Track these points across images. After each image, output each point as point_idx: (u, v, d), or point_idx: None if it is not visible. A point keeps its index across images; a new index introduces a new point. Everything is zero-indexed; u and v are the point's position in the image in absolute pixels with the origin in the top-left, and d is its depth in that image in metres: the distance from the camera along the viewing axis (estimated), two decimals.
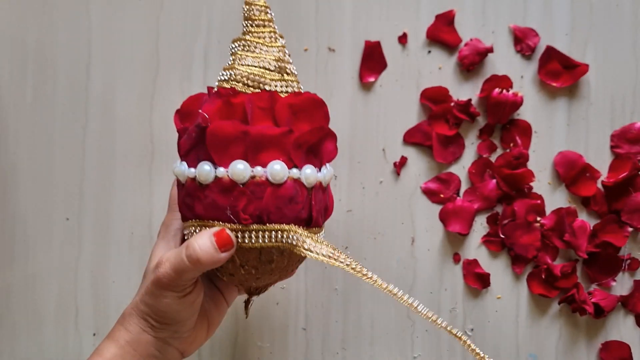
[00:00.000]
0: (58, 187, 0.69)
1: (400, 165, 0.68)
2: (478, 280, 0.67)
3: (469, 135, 0.68)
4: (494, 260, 0.67)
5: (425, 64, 0.68)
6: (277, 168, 0.47)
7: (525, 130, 0.67)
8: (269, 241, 0.47)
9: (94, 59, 0.69)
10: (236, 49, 0.52)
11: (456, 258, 0.67)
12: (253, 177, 0.47)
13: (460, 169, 0.68)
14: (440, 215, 0.67)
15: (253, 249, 0.48)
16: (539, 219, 0.66)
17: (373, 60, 0.68)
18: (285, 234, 0.47)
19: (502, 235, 0.66)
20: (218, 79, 0.51)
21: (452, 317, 0.67)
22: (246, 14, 0.52)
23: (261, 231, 0.47)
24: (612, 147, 0.67)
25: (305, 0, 0.68)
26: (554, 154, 0.67)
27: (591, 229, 0.66)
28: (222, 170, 0.47)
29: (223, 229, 0.47)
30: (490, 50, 0.67)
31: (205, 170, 0.47)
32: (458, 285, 0.67)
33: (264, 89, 0.49)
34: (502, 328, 0.67)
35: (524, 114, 0.67)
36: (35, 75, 0.69)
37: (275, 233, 0.47)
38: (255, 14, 0.51)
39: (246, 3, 0.52)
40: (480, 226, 0.67)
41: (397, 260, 0.68)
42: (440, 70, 0.68)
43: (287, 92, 0.50)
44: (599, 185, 0.67)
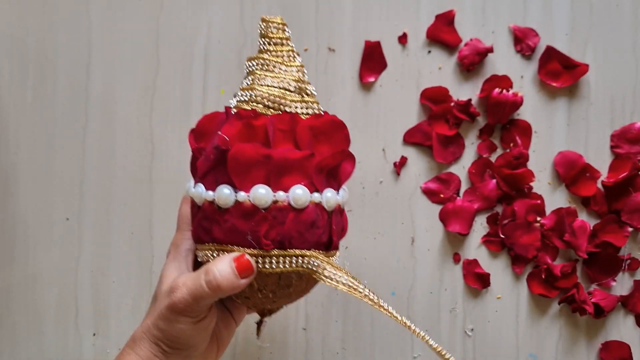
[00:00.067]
0: (58, 187, 0.69)
1: (400, 165, 0.68)
2: (478, 280, 0.67)
3: (469, 135, 0.68)
4: (494, 260, 0.67)
5: (425, 64, 0.68)
6: (300, 193, 0.46)
7: (525, 130, 0.67)
8: (290, 266, 0.46)
9: (94, 59, 0.69)
10: (254, 67, 0.50)
11: (456, 258, 0.67)
12: (275, 202, 0.46)
13: (460, 169, 0.68)
14: (440, 215, 0.67)
15: (273, 274, 0.47)
16: (539, 219, 0.66)
17: (373, 60, 0.68)
18: (307, 259, 0.46)
19: (502, 235, 0.66)
20: (237, 100, 0.50)
21: (452, 317, 0.67)
22: (263, 31, 0.50)
23: (282, 256, 0.46)
24: (612, 147, 0.67)
25: (305, 0, 0.68)
26: (554, 154, 0.67)
27: (591, 229, 0.66)
28: (243, 195, 0.46)
29: (243, 254, 0.46)
30: (490, 50, 0.67)
31: (225, 194, 0.46)
32: (458, 285, 0.67)
33: (284, 111, 0.48)
34: (502, 328, 0.67)
35: (524, 114, 0.67)
36: (35, 76, 0.69)
37: (297, 258, 0.46)
38: (273, 32, 0.50)
39: (263, 20, 0.50)
40: (480, 226, 0.67)
41: (397, 260, 0.68)
42: (440, 70, 0.68)
43: (308, 114, 0.49)
44: (599, 185, 0.67)
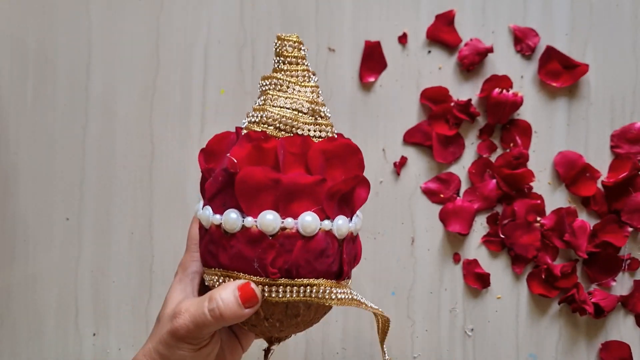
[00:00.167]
0: (58, 187, 0.69)
1: (400, 165, 0.68)
2: (478, 280, 0.67)
3: (469, 135, 0.68)
4: (494, 260, 0.67)
5: (425, 64, 0.68)
6: (309, 220, 0.44)
7: (525, 130, 0.67)
8: (297, 296, 0.45)
9: (94, 59, 0.69)
10: (267, 87, 0.48)
11: (456, 258, 0.67)
12: (283, 229, 0.44)
13: (460, 169, 0.68)
14: (440, 215, 0.67)
15: (279, 303, 0.46)
16: (539, 219, 0.66)
17: (373, 60, 0.68)
18: (315, 288, 0.45)
19: (502, 235, 0.66)
20: (248, 120, 0.48)
21: (452, 317, 0.67)
22: (278, 49, 0.48)
23: (289, 286, 0.45)
24: (612, 147, 0.67)
25: (305, 0, 0.68)
26: (554, 154, 0.67)
27: (591, 229, 0.66)
28: (251, 220, 0.44)
29: (248, 283, 0.45)
30: (490, 50, 0.67)
31: (232, 219, 0.45)
32: (458, 285, 0.67)
33: (296, 133, 0.47)
34: (502, 328, 0.67)
35: (524, 114, 0.67)
36: (35, 76, 0.69)
37: (304, 288, 0.45)
38: (288, 51, 0.48)
39: (278, 38, 0.48)
40: (480, 226, 0.67)
41: (397, 260, 0.68)
42: (440, 70, 0.68)
43: (320, 137, 0.47)
44: (599, 185, 0.67)
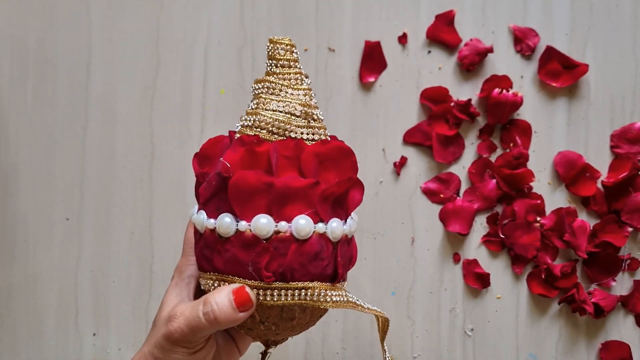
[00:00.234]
0: (58, 187, 0.69)
1: (400, 165, 0.68)
2: (478, 280, 0.67)
3: (469, 135, 0.68)
4: (494, 260, 0.67)
5: (425, 64, 0.68)
6: (303, 223, 0.44)
7: (525, 130, 0.67)
8: (292, 299, 0.45)
9: (94, 59, 0.69)
10: (259, 90, 0.48)
11: (456, 258, 0.67)
12: (277, 233, 0.44)
13: (460, 169, 0.68)
14: (440, 215, 0.67)
15: (275, 307, 0.46)
16: (539, 219, 0.66)
17: (373, 60, 0.68)
18: (310, 291, 0.45)
19: (502, 235, 0.67)
20: (241, 124, 0.48)
21: (452, 317, 0.67)
22: (270, 52, 0.48)
23: (284, 289, 0.45)
24: (612, 147, 0.67)
25: (305, 0, 0.68)
26: (554, 154, 0.67)
27: (591, 229, 0.66)
28: (244, 224, 0.44)
29: (243, 287, 0.45)
30: (490, 50, 0.67)
31: (226, 223, 0.45)
32: (458, 285, 0.67)
33: (289, 137, 0.47)
34: (502, 328, 0.67)
35: (524, 114, 0.67)
36: (35, 76, 0.69)
37: (299, 291, 0.45)
38: (280, 54, 0.48)
39: (270, 41, 0.49)
40: (480, 226, 0.67)
41: (397, 260, 0.68)
42: (440, 70, 0.68)
43: (314, 140, 0.47)
44: (599, 185, 0.67)
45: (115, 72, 0.69)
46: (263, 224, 0.44)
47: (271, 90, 0.48)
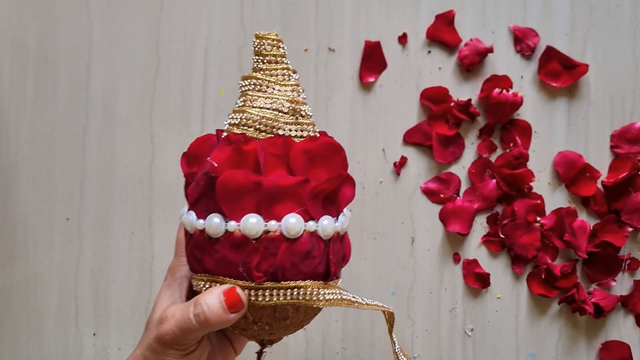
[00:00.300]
0: (58, 187, 0.69)
1: (400, 165, 0.68)
2: (478, 280, 0.67)
3: (469, 135, 0.68)
4: (494, 260, 0.67)
5: (425, 64, 0.68)
6: (293, 222, 0.44)
7: (525, 130, 0.67)
8: (284, 299, 0.44)
9: (94, 59, 0.69)
10: (246, 88, 0.48)
11: (456, 258, 0.67)
12: (267, 232, 0.44)
13: (460, 169, 0.68)
14: (440, 215, 0.67)
15: (267, 307, 0.45)
16: (539, 219, 0.66)
17: (373, 60, 0.68)
18: (302, 290, 0.44)
19: (502, 235, 0.67)
20: (228, 122, 0.47)
21: (452, 317, 0.67)
22: (256, 48, 0.48)
23: (275, 289, 0.44)
24: (612, 147, 0.67)
25: (305, 0, 0.68)
26: (554, 154, 0.67)
27: (591, 229, 0.66)
28: (234, 224, 0.44)
29: (233, 287, 0.44)
30: (490, 50, 0.67)
31: (215, 223, 0.44)
32: (458, 285, 0.67)
33: (277, 134, 0.46)
34: (502, 328, 0.67)
35: (524, 114, 0.67)
36: (35, 76, 0.69)
37: (291, 290, 0.44)
38: (267, 49, 0.47)
39: (256, 37, 0.48)
40: (480, 226, 0.67)
41: (397, 260, 0.68)
42: (440, 70, 0.68)
43: (302, 137, 0.46)
44: (599, 185, 0.67)
45: (115, 72, 0.69)
46: (252, 223, 0.43)
47: (258, 87, 0.47)
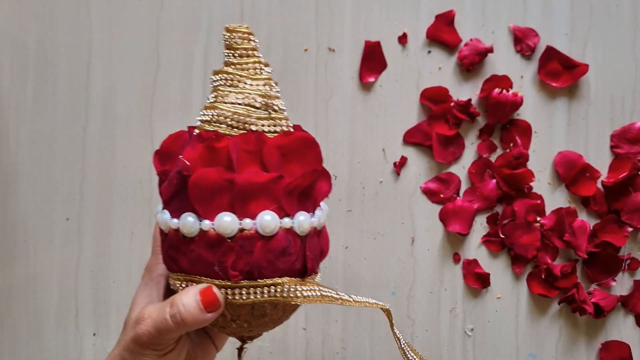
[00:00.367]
0: (58, 187, 0.69)
1: (400, 165, 0.68)
2: (478, 280, 0.67)
3: (469, 135, 0.68)
4: (494, 260, 0.67)
5: (425, 64, 0.68)
6: (268, 219, 0.43)
7: (525, 130, 0.67)
8: (261, 296, 0.44)
9: (94, 59, 0.69)
10: (217, 83, 0.47)
11: (456, 258, 0.67)
12: (242, 231, 0.43)
13: (460, 169, 0.68)
14: (440, 215, 0.67)
15: (245, 305, 0.44)
16: (539, 219, 0.66)
17: (373, 60, 0.68)
18: (279, 288, 0.44)
19: (502, 235, 0.67)
20: (199, 119, 0.46)
21: (452, 317, 0.67)
22: (227, 42, 0.47)
23: (252, 287, 0.44)
24: (612, 147, 0.67)
25: (305, 0, 0.68)
26: (554, 154, 0.67)
27: (591, 229, 0.66)
28: (208, 223, 0.43)
29: (210, 287, 0.43)
30: (490, 50, 0.67)
31: (189, 223, 0.43)
32: (458, 285, 0.67)
33: (249, 130, 0.45)
34: (502, 328, 0.67)
35: (524, 114, 0.67)
36: (35, 76, 0.69)
37: (268, 288, 0.44)
38: (238, 42, 0.46)
39: (227, 30, 0.47)
40: (480, 226, 0.67)
41: (397, 260, 0.68)
42: (440, 70, 0.68)
43: (276, 132, 0.45)
44: (599, 185, 0.67)
45: (115, 72, 0.69)
46: (227, 222, 0.43)
47: (229, 82, 0.46)
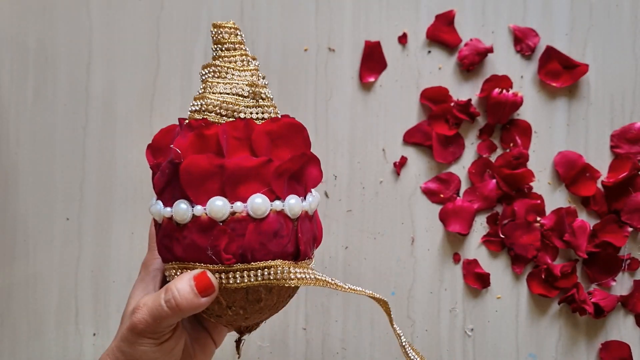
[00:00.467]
0: (58, 187, 0.69)
1: (400, 165, 0.68)
2: (478, 280, 0.67)
3: (469, 135, 0.68)
4: (494, 260, 0.67)
5: (425, 64, 0.68)
6: (258, 202, 0.44)
7: (525, 130, 0.67)
8: (255, 280, 0.44)
9: (94, 59, 0.69)
10: (206, 76, 0.48)
11: (456, 258, 0.67)
12: (233, 214, 0.44)
13: (460, 169, 0.68)
14: (440, 215, 0.67)
15: (239, 289, 0.45)
16: (538, 219, 0.66)
17: (373, 60, 0.68)
18: (272, 270, 0.44)
19: (502, 235, 0.67)
20: (189, 110, 0.48)
21: (452, 317, 0.67)
22: (215, 37, 0.48)
23: (246, 270, 0.44)
24: (612, 147, 0.67)
25: (305, 0, 0.68)
26: (553, 154, 0.67)
27: (591, 229, 0.66)
28: (200, 209, 0.44)
29: (204, 272, 0.44)
30: (490, 50, 0.67)
31: (182, 209, 0.44)
32: (458, 285, 0.67)
33: (238, 118, 0.46)
34: (502, 328, 0.67)
35: (524, 114, 0.67)
36: (35, 76, 0.69)
37: (262, 271, 0.44)
38: (225, 37, 0.48)
39: (214, 26, 0.48)
40: (480, 226, 0.67)
41: (397, 260, 0.68)
42: (440, 70, 0.68)
43: (264, 119, 0.47)
44: (599, 185, 0.67)
45: (115, 72, 0.69)
46: (218, 206, 0.44)
47: (217, 73, 0.48)
